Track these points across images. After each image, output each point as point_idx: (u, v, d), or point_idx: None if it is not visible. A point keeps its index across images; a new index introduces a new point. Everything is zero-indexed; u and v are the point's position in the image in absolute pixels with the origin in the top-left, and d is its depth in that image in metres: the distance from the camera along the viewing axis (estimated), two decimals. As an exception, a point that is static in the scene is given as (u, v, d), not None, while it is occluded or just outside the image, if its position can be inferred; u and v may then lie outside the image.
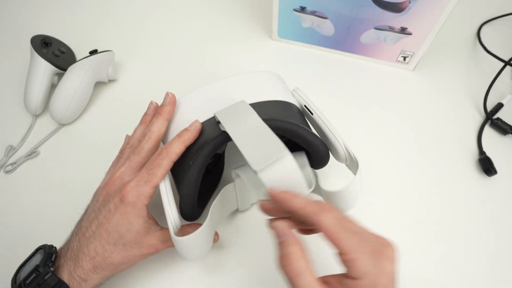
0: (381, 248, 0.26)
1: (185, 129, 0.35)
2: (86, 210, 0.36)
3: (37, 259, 0.32)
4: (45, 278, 0.31)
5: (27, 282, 0.31)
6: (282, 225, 0.28)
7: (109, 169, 0.38)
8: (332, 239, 0.25)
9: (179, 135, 0.34)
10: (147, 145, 0.35)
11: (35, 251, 0.34)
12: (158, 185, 0.34)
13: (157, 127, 0.36)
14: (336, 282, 0.26)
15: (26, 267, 0.32)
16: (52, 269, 0.31)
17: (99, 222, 0.33)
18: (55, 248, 0.34)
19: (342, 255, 0.25)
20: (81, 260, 0.32)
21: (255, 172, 0.30)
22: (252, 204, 0.44)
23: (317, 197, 0.45)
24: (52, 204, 0.45)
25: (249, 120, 0.33)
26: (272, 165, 0.30)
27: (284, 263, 0.26)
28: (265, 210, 0.30)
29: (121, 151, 0.38)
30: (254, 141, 0.31)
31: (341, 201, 0.36)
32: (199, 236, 0.33)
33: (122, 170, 0.35)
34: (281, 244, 0.27)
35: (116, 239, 0.32)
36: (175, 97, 0.37)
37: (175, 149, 0.34)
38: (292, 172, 0.31)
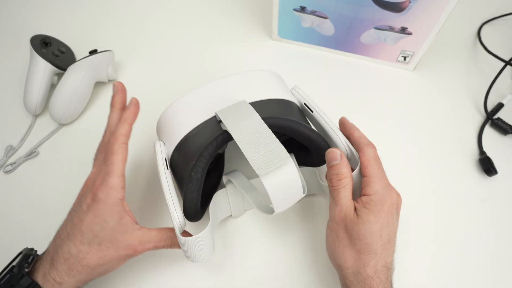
0: (392, 188, 0.35)
1: (125, 109, 0.36)
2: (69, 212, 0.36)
3: (16, 261, 0.32)
4: (19, 278, 0.30)
5: (1, 282, 0.30)
6: (339, 152, 0.34)
7: None
8: (365, 165, 0.34)
9: (121, 117, 0.35)
10: (111, 147, 0.34)
11: (18, 254, 0.33)
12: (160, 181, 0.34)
13: (113, 119, 0.36)
14: (357, 202, 0.34)
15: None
16: (26, 270, 0.31)
17: (73, 223, 0.32)
18: (36, 251, 0.34)
19: (366, 177, 0.34)
20: (56, 262, 0.31)
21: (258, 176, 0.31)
22: (245, 211, 0.44)
23: (316, 198, 0.45)
24: (52, 204, 0.45)
25: (252, 122, 0.33)
26: (275, 170, 0.31)
27: (336, 178, 0.34)
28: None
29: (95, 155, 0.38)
30: (258, 145, 0.32)
31: None
32: (205, 237, 0.33)
33: (92, 171, 0.35)
34: (335, 166, 0.34)
35: (91, 238, 0.31)
36: (123, 84, 0.38)
37: (120, 131, 0.34)
38: (293, 177, 0.32)
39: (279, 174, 0.31)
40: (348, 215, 0.33)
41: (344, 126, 0.38)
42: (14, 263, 0.32)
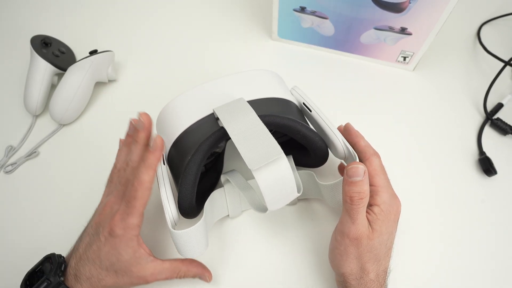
0: (396, 196, 0.36)
1: (148, 152, 0.34)
2: (86, 228, 0.36)
3: (46, 268, 0.34)
4: (55, 287, 0.32)
5: None
6: (362, 167, 0.33)
7: (104, 191, 0.38)
8: (373, 175, 0.35)
9: (144, 160, 0.34)
10: (131, 175, 0.35)
11: (44, 259, 0.35)
12: (157, 183, 0.34)
13: (137, 155, 0.35)
14: (368, 214, 0.34)
15: (38, 274, 0.34)
16: (62, 278, 0.33)
17: (92, 250, 0.34)
18: (63, 257, 0.35)
19: (374, 187, 0.35)
20: (80, 278, 0.34)
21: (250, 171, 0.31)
22: (242, 211, 0.44)
23: (313, 201, 0.45)
24: (52, 204, 0.45)
25: (247, 118, 0.33)
26: (267, 165, 0.31)
27: (357, 196, 0.32)
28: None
29: (110, 176, 0.38)
30: (252, 141, 0.32)
31: (339, 194, 0.37)
32: (197, 231, 0.34)
33: (111, 200, 0.35)
34: (357, 183, 0.33)
35: (108, 266, 0.33)
36: (149, 118, 0.36)
37: (145, 178, 0.33)
38: (286, 174, 0.32)
39: (271, 169, 0.31)
40: (364, 233, 0.33)
41: (349, 134, 0.38)
42: (47, 270, 0.34)
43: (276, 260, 0.41)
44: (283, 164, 0.32)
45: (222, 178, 0.42)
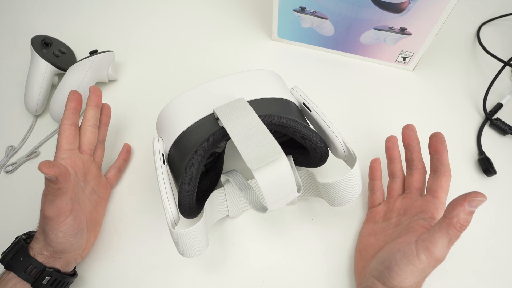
0: None
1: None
2: None
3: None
4: (16, 243, 0.37)
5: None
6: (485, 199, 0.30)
7: None
8: (445, 192, 0.38)
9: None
10: None
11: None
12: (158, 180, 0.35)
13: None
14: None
15: None
16: (24, 236, 0.38)
17: None
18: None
19: (439, 201, 0.37)
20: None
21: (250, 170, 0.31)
22: (242, 211, 0.44)
23: (313, 201, 0.45)
24: (53, 204, 0.45)
25: (247, 118, 0.33)
26: (267, 165, 0.31)
27: (466, 225, 0.30)
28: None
29: None
30: (252, 140, 0.32)
31: (338, 193, 0.37)
32: (197, 231, 0.34)
33: None
34: (472, 212, 0.30)
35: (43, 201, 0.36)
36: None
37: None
38: (286, 174, 0.32)
39: (271, 169, 0.31)
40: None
41: (441, 143, 0.39)
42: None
43: (276, 260, 0.41)
44: (283, 164, 0.32)
45: (222, 178, 0.42)
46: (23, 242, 0.37)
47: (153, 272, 0.41)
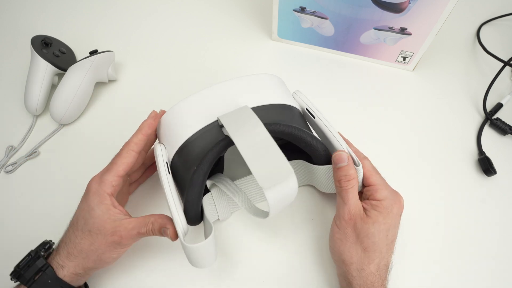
0: (397, 192, 0.37)
1: (144, 121, 0.39)
2: None
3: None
4: (35, 259, 0.35)
5: (21, 264, 0.35)
6: (346, 154, 0.36)
7: None
8: (368, 176, 0.37)
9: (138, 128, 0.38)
10: (120, 151, 0.38)
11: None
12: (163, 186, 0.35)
13: (133, 140, 0.38)
14: (366, 204, 0.36)
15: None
16: (42, 253, 0.35)
17: (74, 213, 0.37)
18: (51, 240, 0.38)
19: (372, 186, 0.37)
20: (60, 247, 0.36)
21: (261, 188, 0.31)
22: (231, 213, 0.44)
23: (313, 201, 0.45)
24: (53, 204, 0.46)
25: (255, 131, 0.32)
26: (279, 185, 0.31)
27: (344, 179, 0.36)
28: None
29: None
30: (262, 158, 0.31)
31: (331, 178, 0.38)
32: (211, 243, 0.34)
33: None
34: (343, 168, 0.36)
35: (83, 225, 0.35)
36: (155, 112, 0.40)
37: (132, 139, 0.38)
38: (294, 191, 0.32)
39: (281, 188, 0.31)
40: (358, 213, 0.35)
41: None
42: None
43: (276, 260, 0.41)
44: (293, 183, 0.32)
45: (208, 183, 0.42)
46: (51, 268, 0.34)
47: (153, 272, 0.41)
